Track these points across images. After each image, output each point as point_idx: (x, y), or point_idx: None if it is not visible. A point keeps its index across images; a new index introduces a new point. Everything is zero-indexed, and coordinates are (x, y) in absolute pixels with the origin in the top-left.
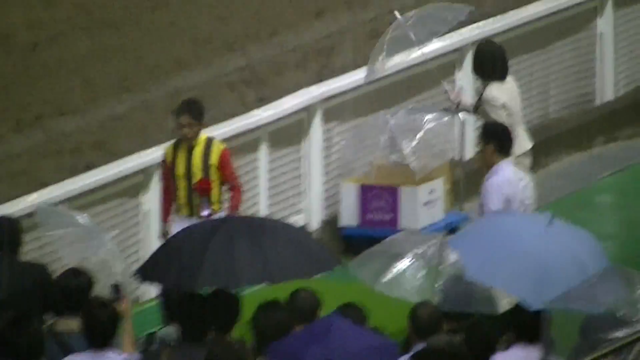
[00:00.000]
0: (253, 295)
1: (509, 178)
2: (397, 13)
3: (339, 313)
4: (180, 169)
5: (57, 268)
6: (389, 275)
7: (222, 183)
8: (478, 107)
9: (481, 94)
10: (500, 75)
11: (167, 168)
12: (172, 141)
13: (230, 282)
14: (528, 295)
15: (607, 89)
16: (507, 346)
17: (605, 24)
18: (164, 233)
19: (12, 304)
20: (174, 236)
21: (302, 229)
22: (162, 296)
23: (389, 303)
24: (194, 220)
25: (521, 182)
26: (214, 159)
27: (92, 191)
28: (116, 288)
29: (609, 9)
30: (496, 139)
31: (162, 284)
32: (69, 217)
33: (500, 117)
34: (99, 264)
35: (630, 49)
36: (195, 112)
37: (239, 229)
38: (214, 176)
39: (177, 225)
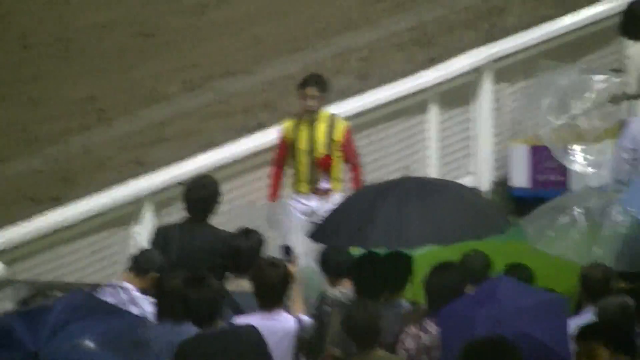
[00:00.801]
0: (424, 256)
1: None
2: None
3: (506, 273)
4: (303, 143)
5: (230, 226)
6: (550, 233)
7: (344, 161)
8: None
9: None
10: None
11: (286, 144)
12: (292, 118)
13: (401, 242)
14: None
15: None
16: None
17: None
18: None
19: (186, 265)
20: (346, 198)
21: (474, 189)
22: (322, 258)
23: (558, 263)
24: (312, 197)
25: None
26: (337, 135)
27: (263, 151)
28: (287, 249)
29: None
30: None
31: (333, 244)
32: None
33: None
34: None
35: None
36: (321, 85)
37: (411, 190)
38: (336, 153)
39: (295, 202)
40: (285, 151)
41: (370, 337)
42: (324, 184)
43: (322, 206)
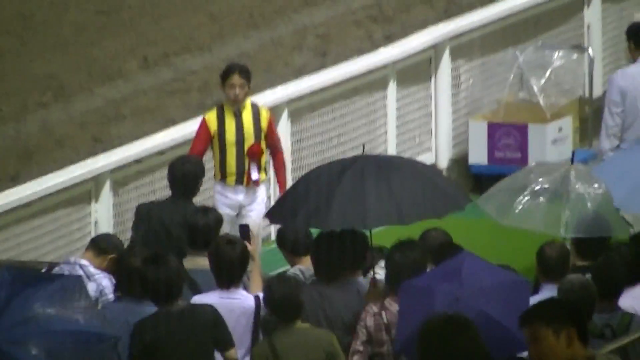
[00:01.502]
0: (382, 233)
1: (631, 72)
2: None
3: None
4: (231, 135)
5: None
6: (516, 208)
7: (267, 148)
8: None
9: None
10: None
11: (209, 136)
12: (211, 110)
13: (359, 223)
14: None
15: None
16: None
17: None
18: None
19: (167, 241)
20: (302, 178)
21: (432, 166)
22: (280, 237)
23: (516, 239)
24: (239, 190)
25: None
26: (263, 123)
27: None
28: (244, 228)
29: None
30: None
31: (291, 225)
32: None
33: None
34: None
35: None
36: (245, 73)
37: (368, 169)
38: (263, 141)
39: (220, 196)
40: (206, 144)
41: (291, 310)
42: (254, 175)
43: (250, 198)
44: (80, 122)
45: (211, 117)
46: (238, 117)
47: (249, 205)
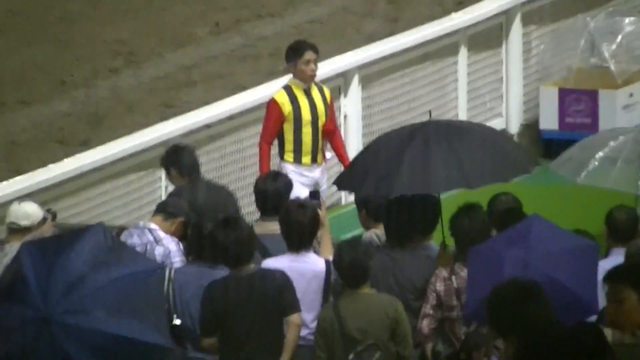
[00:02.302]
0: (453, 198)
1: None
2: None
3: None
4: (306, 114)
5: (256, 171)
6: (590, 167)
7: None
8: None
9: None
10: None
11: (283, 117)
12: (278, 91)
13: (426, 188)
14: None
15: None
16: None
17: None
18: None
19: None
20: (371, 144)
21: (501, 131)
22: (361, 204)
23: (586, 206)
24: (314, 168)
25: None
26: (329, 101)
27: None
28: (314, 194)
29: None
30: None
31: (360, 192)
32: None
33: None
34: None
35: None
36: (316, 49)
37: (435, 134)
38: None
39: (296, 175)
40: (280, 126)
41: (358, 275)
42: (328, 153)
43: (323, 176)
44: (150, 88)
45: (282, 98)
46: (309, 95)
47: (323, 181)
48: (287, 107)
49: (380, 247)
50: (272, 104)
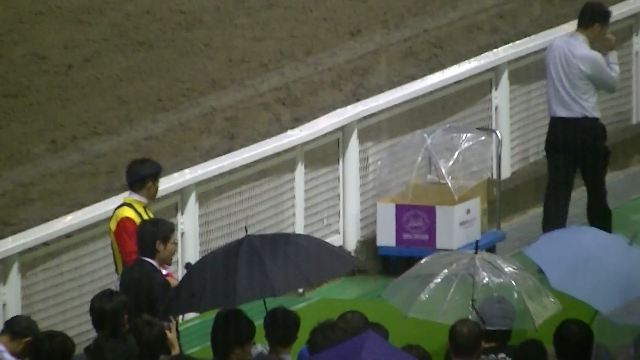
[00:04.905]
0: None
1: None
2: None
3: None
4: None
5: (95, 288)
6: (421, 299)
7: None
8: None
9: None
10: None
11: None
12: (123, 208)
13: (267, 292)
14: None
15: None
16: None
17: None
18: None
19: None
20: (193, 267)
21: (311, 237)
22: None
23: (432, 322)
24: None
25: None
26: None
27: None
28: (188, 265)
29: None
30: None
31: (199, 310)
32: None
33: None
34: None
35: None
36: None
37: (261, 244)
38: None
39: None
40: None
41: None
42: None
43: None
44: None
45: (131, 214)
46: (146, 212)
47: None
48: (137, 222)
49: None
50: (126, 221)
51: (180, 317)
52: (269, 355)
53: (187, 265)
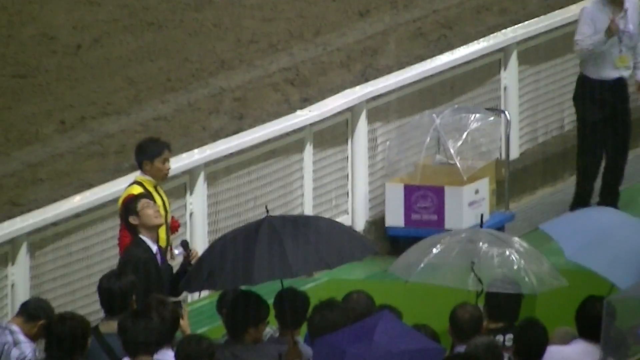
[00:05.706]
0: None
1: None
2: None
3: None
4: (161, 210)
5: (104, 268)
6: (422, 264)
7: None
8: None
9: None
10: None
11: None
12: (132, 186)
13: (286, 273)
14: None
15: None
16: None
17: None
18: None
19: None
20: (212, 246)
21: (332, 220)
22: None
23: (434, 302)
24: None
25: None
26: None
27: None
28: (185, 243)
29: None
30: None
31: (217, 288)
32: None
33: None
34: None
35: None
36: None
37: (279, 225)
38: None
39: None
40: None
41: None
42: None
43: None
44: None
45: (139, 191)
46: (158, 192)
47: None
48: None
49: (222, 343)
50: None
51: (197, 293)
52: (281, 337)
53: (183, 243)
